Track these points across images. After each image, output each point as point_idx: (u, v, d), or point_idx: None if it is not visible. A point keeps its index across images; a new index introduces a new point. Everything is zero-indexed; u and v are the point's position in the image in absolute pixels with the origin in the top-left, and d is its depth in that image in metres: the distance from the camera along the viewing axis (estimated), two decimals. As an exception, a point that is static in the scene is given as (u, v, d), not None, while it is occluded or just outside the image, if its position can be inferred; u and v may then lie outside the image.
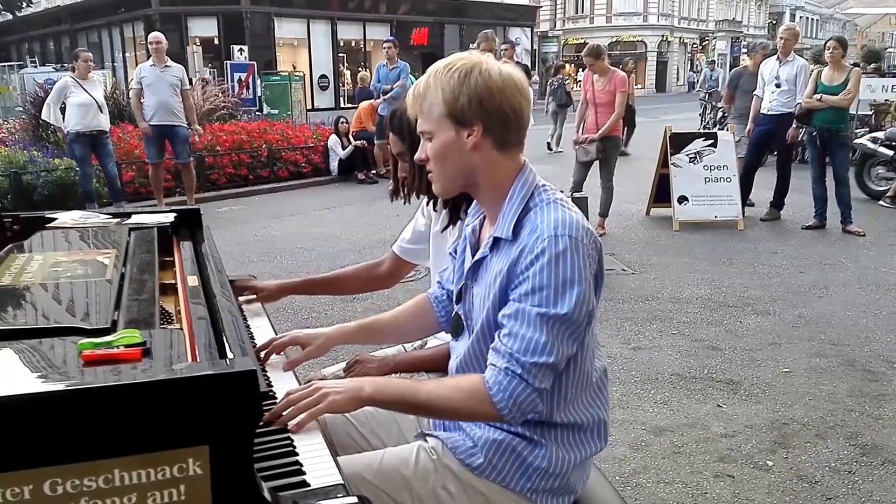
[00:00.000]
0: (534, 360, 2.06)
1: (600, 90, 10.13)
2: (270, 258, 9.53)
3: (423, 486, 2.27)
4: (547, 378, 2.10)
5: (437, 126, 2.20)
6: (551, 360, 2.07)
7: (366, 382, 2.21)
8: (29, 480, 1.48)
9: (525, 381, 2.07)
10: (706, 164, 11.07)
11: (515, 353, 2.08)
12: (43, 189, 12.47)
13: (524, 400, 2.08)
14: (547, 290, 2.07)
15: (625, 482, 4.23)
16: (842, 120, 10.45)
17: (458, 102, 2.15)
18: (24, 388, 1.54)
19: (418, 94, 2.24)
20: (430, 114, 2.21)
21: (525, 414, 2.12)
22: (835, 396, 5.29)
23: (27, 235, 3.10)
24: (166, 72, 12.00)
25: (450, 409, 2.22)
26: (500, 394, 2.08)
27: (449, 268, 2.72)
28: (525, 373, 2.07)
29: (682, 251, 9.64)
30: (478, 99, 2.14)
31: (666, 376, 5.66)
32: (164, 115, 11.95)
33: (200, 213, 3.58)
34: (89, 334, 1.88)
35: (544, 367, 2.07)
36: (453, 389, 2.20)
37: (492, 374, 2.11)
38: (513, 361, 2.08)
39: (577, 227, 2.12)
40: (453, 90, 2.15)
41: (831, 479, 4.27)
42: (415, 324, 2.80)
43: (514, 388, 2.07)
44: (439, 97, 2.17)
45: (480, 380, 2.14)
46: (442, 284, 2.76)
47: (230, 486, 1.62)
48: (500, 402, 2.08)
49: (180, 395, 1.57)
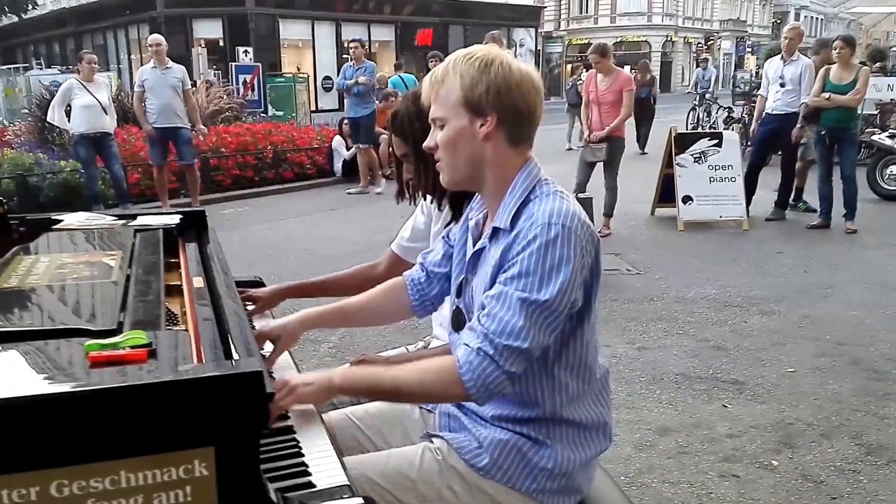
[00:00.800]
0: (507, 342, 2.07)
1: (605, 90, 10.11)
2: (276, 259, 9.54)
3: (429, 487, 2.28)
4: (518, 363, 2.09)
5: (452, 113, 2.21)
6: (525, 345, 2.07)
7: (335, 373, 2.23)
8: (35, 482, 1.49)
9: (496, 362, 2.07)
10: (711, 163, 11.07)
11: (490, 334, 2.08)
12: (49, 191, 12.48)
13: (493, 381, 2.08)
14: (532, 276, 2.08)
15: (630, 482, 4.23)
16: (850, 119, 10.45)
17: (475, 91, 2.16)
18: (31, 389, 1.54)
19: (436, 80, 2.24)
20: (447, 100, 2.21)
21: (493, 394, 2.12)
22: (840, 396, 5.29)
23: (33, 237, 3.11)
24: (167, 73, 12.00)
25: (418, 392, 2.22)
26: (470, 373, 2.08)
27: (435, 249, 2.71)
28: (497, 354, 2.07)
29: (687, 251, 9.65)
30: (496, 90, 2.15)
31: (671, 376, 5.66)
32: (167, 117, 11.96)
33: (206, 214, 3.58)
34: (95, 336, 1.88)
35: (517, 352, 2.07)
36: (423, 372, 2.20)
37: (464, 353, 2.11)
38: (486, 342, 2.08)
39: (572, 217, 2.12)
40: (473, 77, 2.16)
41: (836, 479, 4.27)
42: (386, 307, 2.76)
43: (483, 368, 2.08)
44: (457, 83, 2.18)
45: (451, 361, 2.14)
46: (423, 265, 2.72)
47: (236, 488, 1.62)
48: (468, 381, 2.08)
49: (186, 397, 1.58)
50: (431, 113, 2.28)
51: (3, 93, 30.88)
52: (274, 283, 3.40)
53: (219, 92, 18.65)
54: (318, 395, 2.20)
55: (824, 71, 10.52)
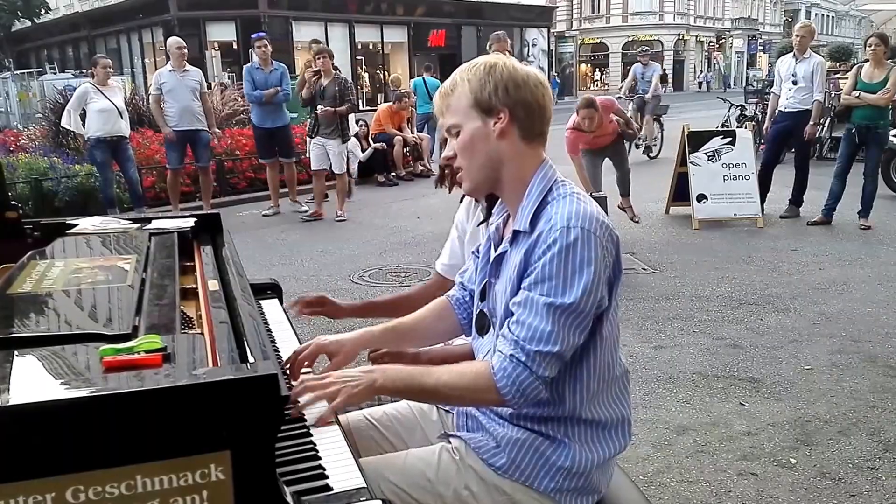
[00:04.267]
0: (538, 348, 2.10)
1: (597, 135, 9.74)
2: (291, 262, 9.52)
3: (447, 487, 2.28)
4: (551, 366, 2.13)
5: (464, 117, 2.26)
6: (556, 349, 2.10)
7: (377, 372, 2.24)
8: (51, 488, 1.49)
9: (529, 368, 2.11)
10: (724, 162, 11.02)
11: (521, 341, 2.12)
12: (63, 195, 12.50)
13: (527, 387, 2.12)
14: (555, 280, 2.10)
15: (648, 482, 4.22)
16: (882, 117, 10.37)
17: (484, 91, 2.22)
18: (47, 394, 1.55)
19: (445, 92, 2.31)
20: (458, 107, 2.27)
21: (528, 400, 2.15)
22: (857, 393, 5.27)
23: (48, 241, 3.12)
24: (186, 76, 12.02)
25: (457, 395, 2.25)
26: (505, 380, 2.12)
27: (470, 268, 2.73)
28: (529, 360, 2.10)
29: (702, 249, 9.61)
30: (504, 86, 2.21)
31: (688, 375, 5.65)
32: (188, 119, 11.98)
33: (220, 217, 3.59)
34: (110, 340, 1.89)
35: (549, 356, 2.11)
36: (460, 375, 2.23)
37: (498, 360, 2.15)
38: (518, 349, 2.12)
39: (591, 219, 2.14)
40: (480, 80, 2.23)
41: (855, 476, 4.25)
42: (439, 326, 2.79)
43: (517, 375, 2.11)
44: (466, 88, 2.25)
45: (486, 366, 2.17)
46: (464, 285, 2.76)
47: (252, 492, 1.63)
48: (503, 388, 2.12)
49: (201, 400, 1.58)
50: (445, 123, 2.32)
51: (17, 97, 31.02)
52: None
53: (233, 94, 18.64)
54: (365, 396, 2.23)
55: (857, 69, 10.49)
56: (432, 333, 2.83)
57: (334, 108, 11.59)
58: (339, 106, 11.64)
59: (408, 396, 2.50)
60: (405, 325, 2.79)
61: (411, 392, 2.33)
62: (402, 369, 2.32)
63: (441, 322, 2.78)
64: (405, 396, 2.51)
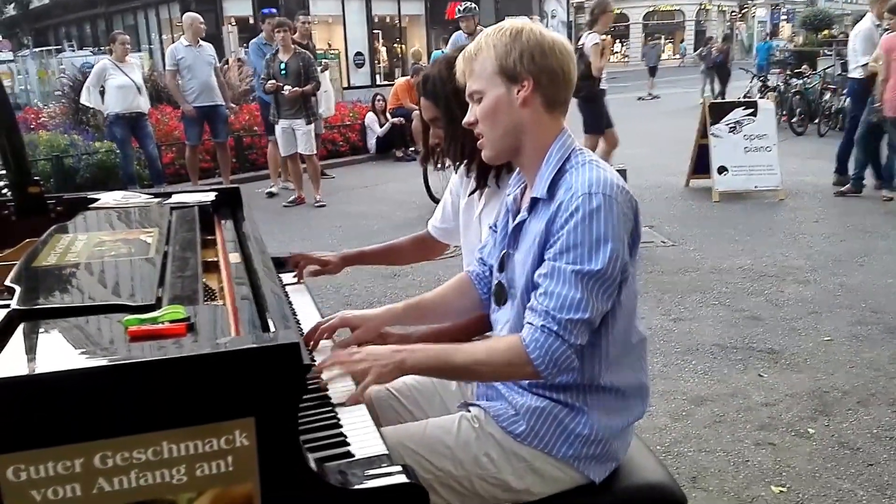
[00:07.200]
0: (569, 316, 2.10)
1: None
2: (310, 237, 9.60)
3: (466, 454, 2.29)
4: (583, 334, 2.13)
5: (489, 83, 2.26)
6: (587, 315, 2.11)
7: (405, 353, 2.24)
8: (80, 454, 1.51)
9: (561, 337, 2.10)
10: (746, 133, 10.97)
11: (551, 311, 2.11)
12: (84, 172, 12.58)
13: (560, 356, 2.11)
14: (581, 248, 2.11)
15: (666, 451, 4.24)
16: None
17: (509, 57, 2.22)
18: (74, 363, 1.57)
19: (469, 56, 2.30)
20: (482, 72, 2.27)
21: (562, 370, 2.15)
22: (876, 364, 5.28)
23: (70, 216, 3.15)
24: (202, 51, 12.04)
25: (489, 371, 2.26)
26: (537, 351, 2.11)
27: (489, 243, 2.73)
28: (561, 329, 2.10)
29: (722, 222, 9.60)
30: (529, 54, 2.21)
31: (707, 346, 5.66)
32: (207, 95, 12.01)
33: (240, 191, 3.61)
34: (134, 311, 1.91)
35: (580, 323, 2.11)
36: (490, 351, 2.24)
37: (528, 332, 2.15)
38: (549, 319, 2.11)
39: (611, 185, 2.15)
40: (506, 46, 2.22)
41: (873, 446, 4.26)
42: (461, 302, 2.79)
43: (550, 345, 2.11)
44: (491, 54, 2.24)
45: (517, 339, 2.17)
46: (483, 261, 2.75)
47: (276, 457, 1.65)
48: (536, 360, 2.12)
49: (225, 369, 1.60)
50: (468, 88, 2.32)
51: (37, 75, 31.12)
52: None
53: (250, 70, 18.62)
54: (393, 376, 2.24)
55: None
56: (454, 309, 2.84)
57: (301, 89, 11.16)
58: (305, 85, 11.22)
59: (437, 375, 2.50)
60: (427, 301, 2.81)
61: (441, 371, 2.35)
62: (429, 348, 2.33)
63: (462, 298, 2.78)
64: (434, 375, 2.51)
